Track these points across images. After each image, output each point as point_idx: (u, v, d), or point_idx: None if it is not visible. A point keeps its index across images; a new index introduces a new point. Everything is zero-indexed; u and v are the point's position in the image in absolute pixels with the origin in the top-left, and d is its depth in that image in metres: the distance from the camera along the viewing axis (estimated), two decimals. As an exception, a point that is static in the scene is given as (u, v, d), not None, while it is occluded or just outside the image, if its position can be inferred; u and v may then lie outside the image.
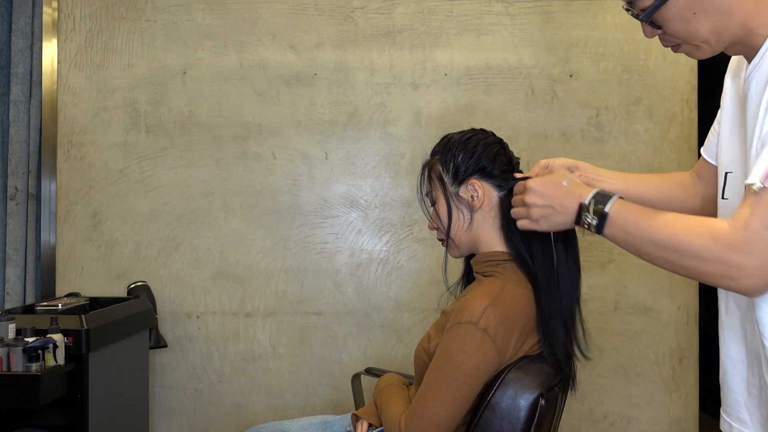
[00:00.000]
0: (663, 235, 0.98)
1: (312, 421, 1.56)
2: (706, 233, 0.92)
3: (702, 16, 1.02)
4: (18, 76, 2.42)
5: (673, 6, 1.03)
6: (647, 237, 1.00)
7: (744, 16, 1.00)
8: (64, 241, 2.49)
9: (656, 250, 0.99)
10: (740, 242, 0.88)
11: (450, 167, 1.37)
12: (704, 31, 1.03)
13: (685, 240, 0.94)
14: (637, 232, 1.01)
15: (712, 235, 0.92)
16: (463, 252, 1.41)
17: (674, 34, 1.06)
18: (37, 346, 1.73)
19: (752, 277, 0.88)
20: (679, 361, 2.52)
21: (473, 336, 1.20)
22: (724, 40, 1.03)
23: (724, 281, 0.92)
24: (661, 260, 0.99)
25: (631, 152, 2.51)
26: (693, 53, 1.08)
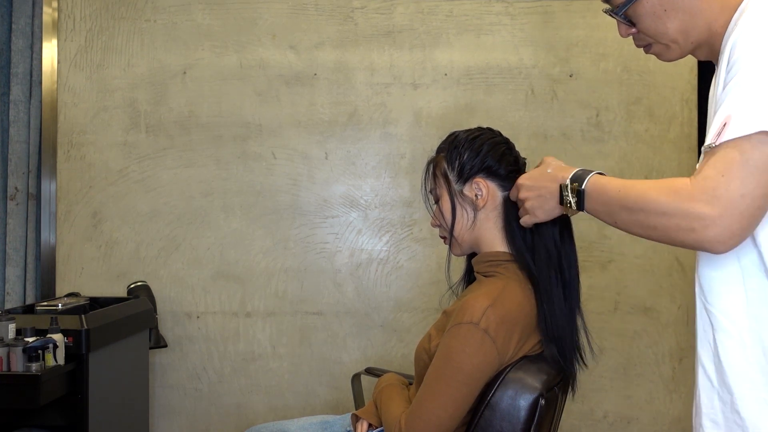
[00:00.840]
0: (631, 198, 0.99)
1: (312, 421, 1.56)
2: (668, 189, 0.93)
3: (672, 14, 1.04)
4: (18, 76, 2.42)
5: (646, 1, 1.06)
6: (618, 203, 1.02)
7: (710, 17, 1.02)
8: (64, 241, 2.49)
9: (627, 214, 1.00)
10: (699, 192, 0.89)
11: (455, 165, 1.37)
12: (673, 30, 1.05)
13: (650, 198, 0.96)
14: (610, 201, 1.04)
15: (674, 190, 0.93)
16: (464, 250, 1.41)
17: (645, 31, 1.09)
18: (37, 346, 1.73)
19: (714, 226, 0.88)
20: (679, 361, 2.52)
21: (474, 336, 1.20)
22: (692, 41, 1.06)
23: (688, 235, 0.91)
24: (633, 224, 1.00)
25: (631, 152, 2.51)
26: (663, 54, 1.11)
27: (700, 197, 0.89)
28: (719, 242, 0.89)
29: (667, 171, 2.50)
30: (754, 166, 0.86)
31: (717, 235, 0.88)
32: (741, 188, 0.86)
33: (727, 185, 0.87)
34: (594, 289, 2.50)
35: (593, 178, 1.09)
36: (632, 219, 0.99)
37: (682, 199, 0.91)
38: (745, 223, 0.88)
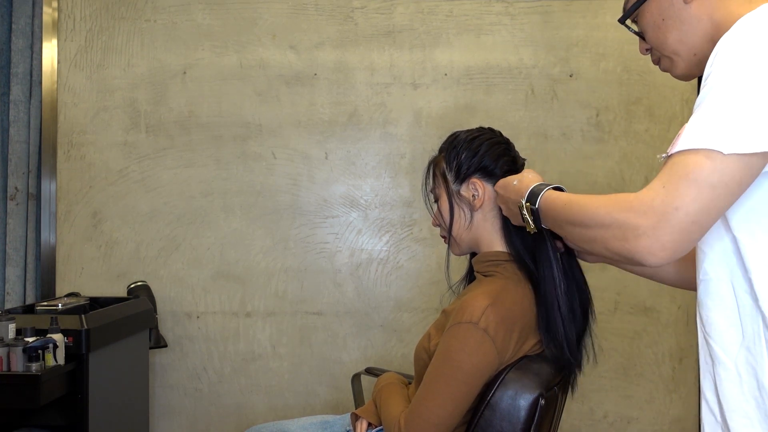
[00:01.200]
0: (574, 212, 1.01)
1: (312, 421, 1.56)
2: (611, 202, 0.93)
3: (670, 23, 1.05)
4: (18, 76, 2.42)
5: (647, 11, 1.07)
6: (564, 218, 1.04)
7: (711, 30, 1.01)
8: (64, 241, 2.49)
9: (571, 228, 1.01)
10: (638, 203, 0.88)
11: (453, 165, 1.37)
12: (672, 40, 1.06)
13: (590, 211, 0.96)
14: (557, 216, 1.06)
15: (615, 202, 0.92)
16: (463, 250, 1.42)
17: (651, 43, 1.10)
18: (37, 346, 1.73)
19: (645, 236, 0.87)
20: (679, 361, 2.52)
21: (473, 336, 1.20)
22: (694, 52, 1.04)
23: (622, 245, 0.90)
24: (578, 238, 1.01)
25: (631, 152, 2.51)
26: (670, 68, 1.10)
27: (638, 208, 0.88)
28: (650, 253, 0.88)
29: (667, 171, 2.50)
30: (694, 180, 0.84)
31: (647, 246, 0.87)
32: (677, 200, 0.85)
33: (664, 197, 0.86)
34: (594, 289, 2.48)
35: (545, 194, 1.11)
36: (576, 232, 1.01)
37: (619, 210, 0.90)
38: (676, 237, 0.86)
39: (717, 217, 0.87)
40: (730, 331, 0.96)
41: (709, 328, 0.98)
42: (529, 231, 1.19)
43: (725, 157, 0.84)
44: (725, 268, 0.96)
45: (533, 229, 1.16)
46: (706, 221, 0.87)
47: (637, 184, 2.50)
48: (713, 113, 0.86)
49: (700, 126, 0.87)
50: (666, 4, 1.05)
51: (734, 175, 0.84)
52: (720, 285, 0.96)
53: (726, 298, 0.96)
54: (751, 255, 0.92)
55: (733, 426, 0.94)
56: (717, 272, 0.97)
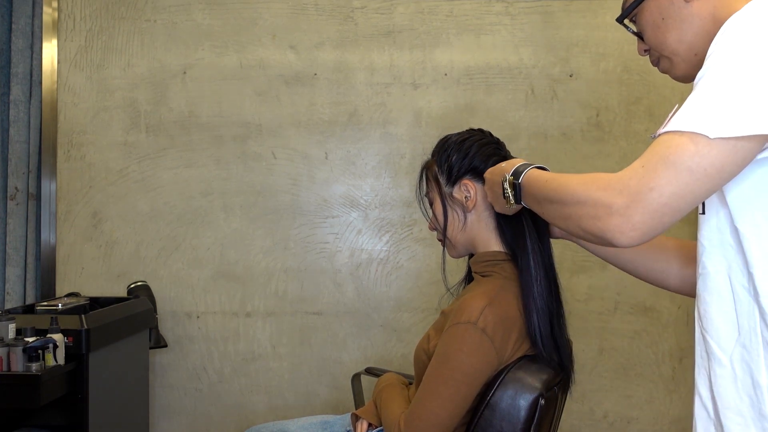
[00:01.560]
0: (553, 188, 1.00)
1: (312, 421, 1.56)
2: (590, 180, 0.92)
3: (669, 23, 1.03)
4: (18, 76, 2.42)
5: (646, 10, 1.06)
6: (543, 194, 1.02)
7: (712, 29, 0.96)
8: (64, 241, 2.49)
9: (549, 204, 1.00)
10: (616, 182, 0.87)
11: (444, 168, 1.38)
12: (672, 40, 1.04)
13: (568, 188, 0.95)
14: (538, 192, 1.05)
15: (593, 180, 0.91)
16: (460, 252, 1.42)
17: (649, 43, 1.08)
18: (37, 345, 1.73)
19: (617, 215, 0.86)
20: (679, 361, 2.52)
21: (472, 336, 1.20)
22: (695, 52, 1.02)
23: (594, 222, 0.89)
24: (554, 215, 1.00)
25: (631, 152, 2.51)
26: (670, 69, 1.08)
27: (615, 186, 0.87)
28: (620, 232, 0.87)
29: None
30: (672, 162, 0.83)
31: (618, 225, 0.86)
32: (653, 181, 0.84)
33: (641, 176, 0.85)
34: (594, 289, 2.50)
35: (530, 171, 1.10)
36: (553, 209, 0.99)
37: (596, 188, 0.89)
38: (647, 218, 0.85)
39: (693, 202, 0.86)
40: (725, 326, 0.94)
41: (706, 323, 0.97)
42: (508, 207, 1.18)
43: (710, 141, 0.82)
44: (723, 261, 0.95)
45: (512, 204, 1.15)
46: (680, 205, 0.85)
47: (637, 184, 2.50)
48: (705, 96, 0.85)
49: (691, 108, 0.85)
50: (666, 3, 1.03)
51: (715, 160, 0.83)
52: (717, 278, 0.95)
53: (723, 292, 0.95)
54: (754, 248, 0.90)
55: (727, 424, 0.93)
56: (715, 266, 0.95)
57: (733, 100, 0.83)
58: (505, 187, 1.15)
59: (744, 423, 0.92)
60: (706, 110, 0.84)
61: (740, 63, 0.84)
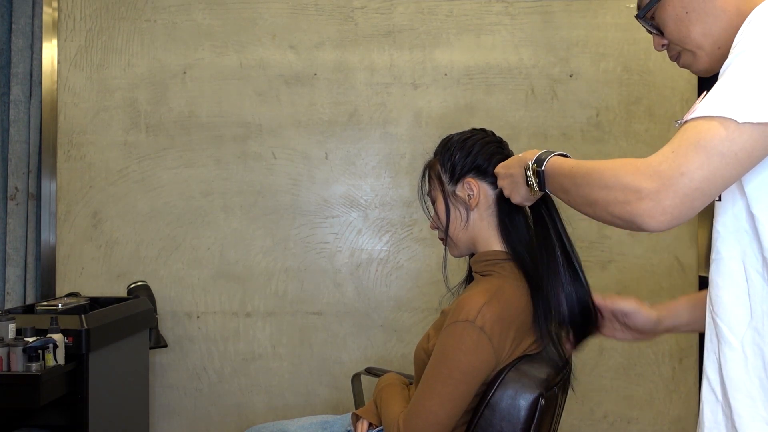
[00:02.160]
0: (581, 173, 0.99)
1: (312, 421, 1.56)
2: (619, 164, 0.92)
3: (694, 16, 1.02)
4: (18, 76, 2.42)
5: (669, 4, 1.04)
6: (570, 179, 1.02)
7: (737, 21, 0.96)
8: (64, 241, 2.49)
9: (575, 189, 1.00)
10: (645, 166, 0.87)
11: (447, 166, 1.38)
12: (696, 34, 1.03)
13: (597, 172, 0.95)
14: (564, 178, 1.05)
15: (622, 165, 0.91)
16: (462, 251, 1.42)
17: (670, 37, 1.07)
18: (37, 345, 1.73)
19: (647, 199, 0.86)
20: (679, 361, 2.52)
21: (470, 334, 1.21)
22: (719, 46, 1.01)
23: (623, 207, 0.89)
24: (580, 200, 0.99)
25: (631, 152, 2.51)
26: (692, 63, 1.08)
27: (645, 171, 0.87)
28: (650, 216, 0.86)
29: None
30: (703, 147, 0.83)
31: (648, 209, 0.86)
32: (683, 166, 0.84)
33: (672, 161, 0.85)
34: (594, 289, 2.48)
35: (553, 158, 1.12)
36: (579, 194, 0.99)
37: (626, 173, 0.89)
38: (678, 202, 0.85)
39: (723, 186, 0.86)
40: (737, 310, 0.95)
41: (717, 307, 0.97)
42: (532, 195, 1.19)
43: (739, 126, 0.83)
44: (738, 247, 0.95)
45: (536, 191, 1.15)
46: (710, 189, 0.85)
47: (637, 184, 2.50)
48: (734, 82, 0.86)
49: (719, 94, 0.86)
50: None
51: (745, 145, 0.83)
52: (731, 264, 0.96)
53: (736, 277, 0.95)
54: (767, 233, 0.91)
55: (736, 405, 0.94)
56: (729, 251, 0.96)
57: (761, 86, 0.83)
58: (528, 175, 1.15)
59: (753, 405, 0.93)
60: (735, 95, 0.84)
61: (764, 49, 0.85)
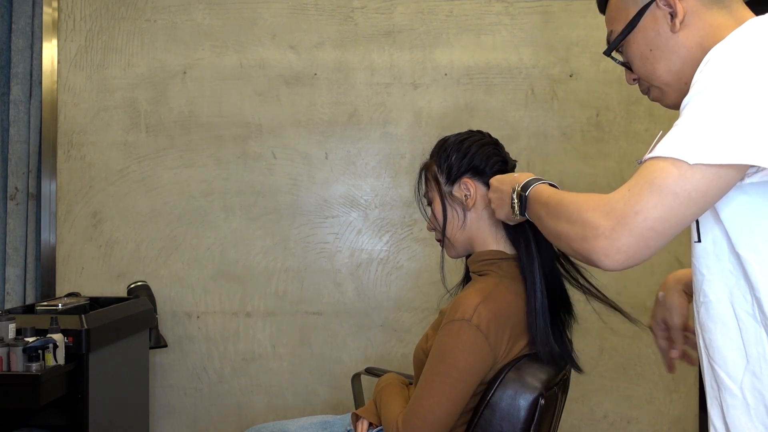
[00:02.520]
0: (552, 204, 1.01)
1: (312, 421, 1.56)
2: (582, 200, 0.93)
3: (657, 54, 1.03)
4: (18, 76, 2.42)
5: (633, 42, 1.06)
6: (544, 209, 1.04)
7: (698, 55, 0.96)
8: (64, 241, 2.49)
9: (547, 219, 1.02)
10: (604, 203, 0.88)
11: (444, 167, 1.39)
12: (661, 71, 1.03)
13: (563, 206, 0.97)
14: (540, 207, 1.06)
15: (585, 200, 0.92)
16: (459, 252, 1.42)
17: (638, 74, 1.08)
18: (37, 345, 1.73)
19: (603, 237, 0.87)
20: (679, 361, 2.52)
21: (466, 333, 1.21)
22: (685, 81, 0.99)
23: (581, 243, 0.90)
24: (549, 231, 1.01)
25: (631, 152, 2.51)
26: (661, 98, 1.08)
27: (602, 208, 0.88)
28: (606, 255, 0.88)
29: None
30: (657, 186, 0.84)
31: (604, 248, 0.87)
32: (638, 204, 0.85)
33: (627, 199, 0.86)
34: (594, 289, 2.49)
35: (538, 186, 1.12)
36: (549, 225, 1.01)
37: (586, 209, 0.90)
38: (633, 241, 0.86)
39: (678, 227, 0.86)
40: (733, 354, 0.94)
41: (713, 352, 0.96)
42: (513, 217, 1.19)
43: (691, 167, 0.83)
44: (724, 288, 0.94)
45: (517, 215, 1.16)
46: (666, 229, 0.85)
47: (637, 184, 2.50)
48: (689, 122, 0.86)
49: (675, 134, 0.87)
50: (652, 35, 1.02)
51: (698, 185, 0.84)
52: (720, 307, 0.95)
53: (727, 320, 0.94)
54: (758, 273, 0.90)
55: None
56: (716, 294, 0.95)
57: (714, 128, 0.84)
58: (513, 197, 1.16)
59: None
60: (689, 137, 0.85)
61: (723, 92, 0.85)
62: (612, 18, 1.12)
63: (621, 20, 1.08)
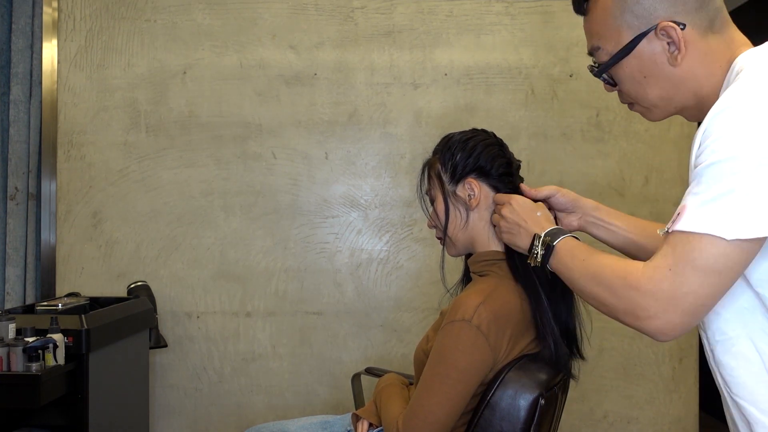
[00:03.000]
0: (590, 271, 1.02)
1: (312, 421, 1.56)
2: (621, 269, 0.95)
3: (652, 81, 1.03)
4: (18, 76, 2.42)
5: (626, 66, 1.04)
6: (579, 269, 1.05)
7: (694, 85, 1.00)
8: (64, 241, 2.49)
9: (584, 282, 1.04)
10: (647, 281, 0.91)
11: (448, 166, 1.38)
12: (654, 96, 1.04)
13: (605, 276, 0.98)
14: (572, 265, 1.07)
15: (625, 273, 0.94)
16: (459, 251, 1.42)
17: (627, 93, 1.08)
18: (37, 345, 1.73)
19: (656, 318, 0.90)
20: (679, 361, 2.52)
21: (467, 333, 1.21)
22: (675, 106, 1.04)
23: (631, 319, 0.94)
24: (587, 294, 1.03)
25: (631, 152, 2.51)
26: (645, 114, 1.10)
27: (647, 287, 0.90)
28: (661, 333, 0.91)
29: (667, 171, 2.50)
30: (701, 267, 0.87)
31: (659, 327, 0.91)
32: (685, 286, 0.87)
33: (673, 280, 0.88)
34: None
35: (567, 239, 1.12)
36: (588, 290, 1.02)
37: (630, 286, 0.92)
38: (686, 319, 0.89)
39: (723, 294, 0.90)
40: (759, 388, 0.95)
41: (737, 389, 0.97)
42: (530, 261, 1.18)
43: (729, 243, 0.85)
44: (742, 326, 0.95)
45: (538, 263, 1.15)
46: (714, 302, 0.90)
47: (637, 184, 2.50)
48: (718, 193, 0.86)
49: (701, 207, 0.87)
50: (648, 63, 1.01)
51: (738, 259, 0.87)
52: (740, 343, 0.96)
53: (749, 355, 0.95)
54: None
55: None
56: (735, 331, 0.96)
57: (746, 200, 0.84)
58: (536, 243, 1.15)
59: None
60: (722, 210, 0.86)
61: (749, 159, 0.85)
62: (598, 33, 1.06)
63: (610, 40, 1.04)
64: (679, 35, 0.98)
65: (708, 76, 0.99)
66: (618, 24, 1.02)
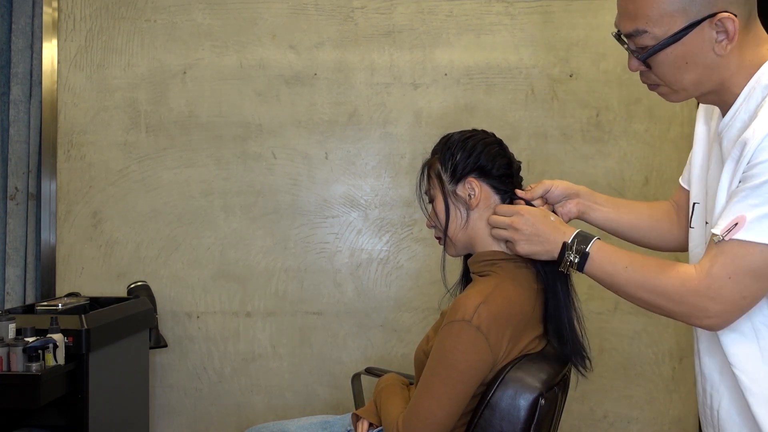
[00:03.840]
0: (639, 276, 1.09)
1: (312, 421, 1.56)
2: (675, 277, 1.04)
3: (692, 67, 1.05)
4: (18, 76, 2.42)
5: (670, 52, 1.04)
6: (625, 277, 1.11)
7: (725, 73, 1.05)
8: (64, 241, 2.49)
9: (633, 289, 1.10)
10: (705, 288, 1.00)
11: (448, 165, 1.38)
12: (688, 80, 1.07)
13: (659, 282, 1.06)
14: (615, 272, 1.12)
15: (681, 280, 1.03)
16: (459, 250, 1.42)
17: (660, 76, 1.09)
18: (37, 345, 1.73)
19: (715, 317, 1.01)
20: (679, 361, 2.52)
21: (467, 334, 1.21)
22: (701, 90, 1.09)
23: (691, 320, 1.05)
24: (636, 299, 1.11)
25: (631, 152, 2.51)
26: (668, 96, 1.12)
27: (706, 293, 1.00)
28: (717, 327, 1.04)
29: (667, 171, 2.50)
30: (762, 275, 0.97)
31: (716, 324, 1.03)
32: (744, 291, 0.99)
33: (732, 287, 0.98)
34: (594, 289, 2.48)
35: (598, 243, 1.16)
36: (637, 294, 1.10)
37: (689, 292, 1.02)
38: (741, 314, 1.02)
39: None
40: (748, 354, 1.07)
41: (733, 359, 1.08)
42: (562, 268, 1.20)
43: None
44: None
45: (573, 269, 1.17)
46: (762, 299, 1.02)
47: (637, 184, 2.50)
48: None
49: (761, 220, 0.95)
50: (695, 50, 1.03)
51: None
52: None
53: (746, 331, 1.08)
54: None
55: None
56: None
57: None
58: (569, 252, 1.17)
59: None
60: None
61: None
62: (647, 16, 1.03)
63: (662, 25, 1.02)
64: (736, 26, 1.00)
65: (739, 67, 1.04)
66: (673, 9, 1.01)
